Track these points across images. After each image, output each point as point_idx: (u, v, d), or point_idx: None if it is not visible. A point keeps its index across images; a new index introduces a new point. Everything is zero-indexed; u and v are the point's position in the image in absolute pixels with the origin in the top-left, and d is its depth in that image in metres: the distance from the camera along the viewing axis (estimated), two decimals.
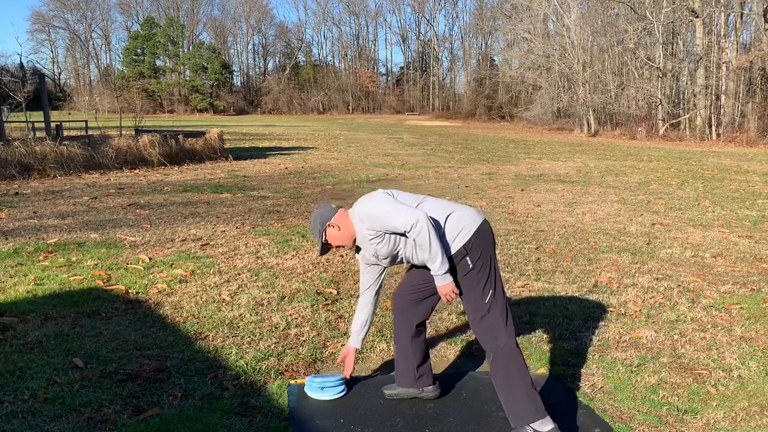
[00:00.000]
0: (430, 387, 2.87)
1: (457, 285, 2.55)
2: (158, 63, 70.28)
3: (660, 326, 3.85)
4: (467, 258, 2.53)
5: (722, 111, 26.85)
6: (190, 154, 13.67)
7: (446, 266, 2.48)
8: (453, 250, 2.54)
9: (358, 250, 2.74)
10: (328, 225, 2.64)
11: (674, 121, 28.13)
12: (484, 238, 2.56)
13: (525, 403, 2.45)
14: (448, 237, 2.54)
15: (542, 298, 4.35)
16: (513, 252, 5.71)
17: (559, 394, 2.96)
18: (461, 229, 2.54)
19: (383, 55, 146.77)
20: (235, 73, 75.61)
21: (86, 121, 22.24)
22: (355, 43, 78.15)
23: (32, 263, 5.01)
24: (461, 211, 2.59)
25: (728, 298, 4.41)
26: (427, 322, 2.89)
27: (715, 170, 13.71)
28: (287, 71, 73.07)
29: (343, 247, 2.70)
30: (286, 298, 4.25)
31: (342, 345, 3.48)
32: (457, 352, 3.45)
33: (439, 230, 2.51)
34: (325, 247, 2.69)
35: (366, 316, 2.91)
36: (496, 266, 2.59)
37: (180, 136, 13.75)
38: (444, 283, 2.51)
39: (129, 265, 4.99)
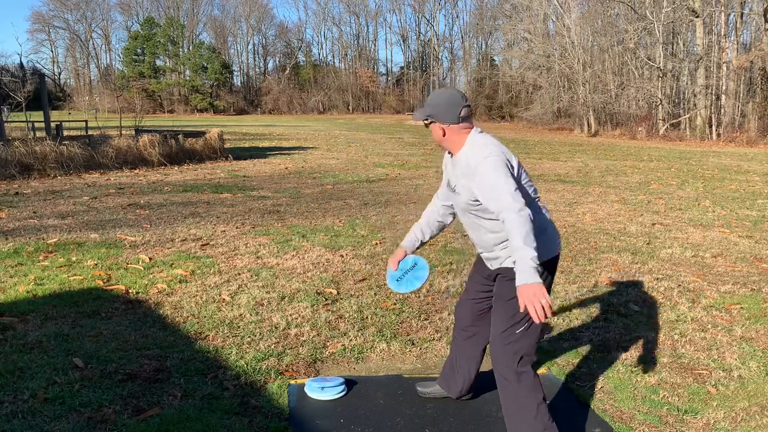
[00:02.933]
0: (467, 396, 2.87)
1: (500, 300, 2.39)
2: (158, 63, 70.25)
3: (660, 326, 3.85)
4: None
5: (722, 111, 26.83)
6: (190, 154, 13.67)
7: (536, 262, 1.99)
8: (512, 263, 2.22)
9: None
10: (442, 127, 2.35)
11: (674, 121, 28.11)
12: (550, 269, 2.39)
13: None
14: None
15: None
16: None
17: (559, 394, 2.96)
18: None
19: (383, 55, 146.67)
20: (235, 73, 75.63)
21: (86, 121, 22.23)
22: (355, 43, 78.15)
23: (32, 263, 5.01)
24: (550, 231, 2.38)
25: (728, 298, 4.41)
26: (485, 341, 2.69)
27: (716, 170, 13.70)
28: (287, 71, 73.05)
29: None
30: (286, 298, 4.25)
31: (342, 345, 3.49)
32: None
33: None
34: (425, 124, 2.43)
35: (421, 224, 2.70)
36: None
37: (180, 136, 13.74)
38: (529, 281, 1.95)
39: (129, 265, 4.99)
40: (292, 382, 3.02)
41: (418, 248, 2.73)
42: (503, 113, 49.24)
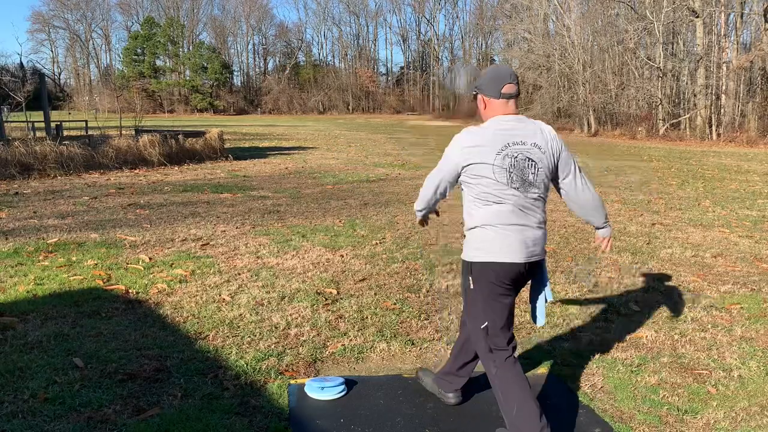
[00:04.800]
0: (451, 393, 2.84)
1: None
2: (158, 63, 70.30)
3: (660, 326, 3.85)
4: (470, 276, 2.43)
5: (722, 111, 26.82)
6: (190, 154, 13.66)
7: (419, 208, 2.62)
8: (462, 255, 2.49)
9: None
10: (484, 99, 2.44)
11: (674, 120, 28.10)
12: (496, 276, 2.36)
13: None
14: (468, 241, 2.44)
15: None
16: None
17: (560, 394, 2.96)
18: (480, 247, 2.38)
19: (383, 55, 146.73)
20: (235, 73, 75.68)
21: (86, 121, 22.20)
22: (355, 42, 78.19)
23: (32, 263, 5.01)
24: (505, 233, 2.33)
25: (728, 298, 4.41)
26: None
27: (716, 170, 13.70)
28: (287, 71, 73.05)
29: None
30: (286, 298, 4.25)
31: (342, 345, 3.48)
32: None
33: (471, 219, 2.41)
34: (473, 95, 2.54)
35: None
36: (502, 304, 2.41)
37: (180, 136, 13.74)
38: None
39: (129, 265, 4.99)
40: (292, 382, 3.02)
41: None
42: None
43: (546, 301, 2.60)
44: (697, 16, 26.47)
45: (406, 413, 2.75)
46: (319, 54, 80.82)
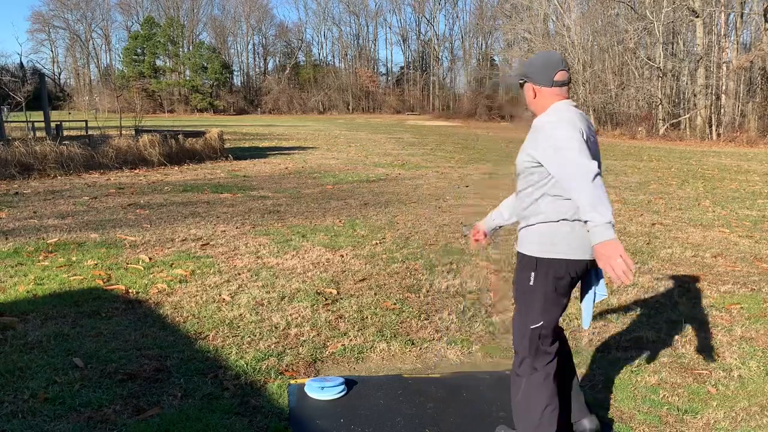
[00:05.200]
0: (585, 420, 2.52)
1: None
2: (158, 63, 70.32)
3: (660, 326, 3.85)
4: (532, 273, 2.20)
5: (722, 111, 26.82)
6: (190, 154, 13.67)
7: (608, 216, 1.89)
8: (525, 251, 2.23)
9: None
10: (534, 88, 2.26)
11: (674, 120, 28.10)
12: (565, 274, 2.16)
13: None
14: (534, 235, 2.19)
15: None
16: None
17: None
18: (552, 242, 2.15)
19: (383, 55, 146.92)
20: (235, 73, 75.69)
21: (86, 121, 22.20)
22: (355, 42, 78.22)
23: (32, 263, 5.01)
24: (581, 229, 2.10)
25: (728, 298, 4.41)
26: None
27: (716, 170, 13.70)
28: (287, 71, 73.07)
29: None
30: (286, 298, 4.25)
31: (342, 345, 3.49)
32: (458, 353, 3.45)
33: (543, 213, 2.14)
34: (520, 84, 2.32)
35: (503, 203, 2.57)
36: (558, 303, 2.23)
37: (180, 136, 13.75)
38: (602, 239, 1.87)
39: (129, 265, 4.99)
40: (292, 382, 3.02)
41: (495, 230, 2.65)
42: (503, 113, 49.24)
43: (597, 298, 2.36)
44: (697, 16, 26.48)
45: (406, 413, 2.75)
46: (319, 54, 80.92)
